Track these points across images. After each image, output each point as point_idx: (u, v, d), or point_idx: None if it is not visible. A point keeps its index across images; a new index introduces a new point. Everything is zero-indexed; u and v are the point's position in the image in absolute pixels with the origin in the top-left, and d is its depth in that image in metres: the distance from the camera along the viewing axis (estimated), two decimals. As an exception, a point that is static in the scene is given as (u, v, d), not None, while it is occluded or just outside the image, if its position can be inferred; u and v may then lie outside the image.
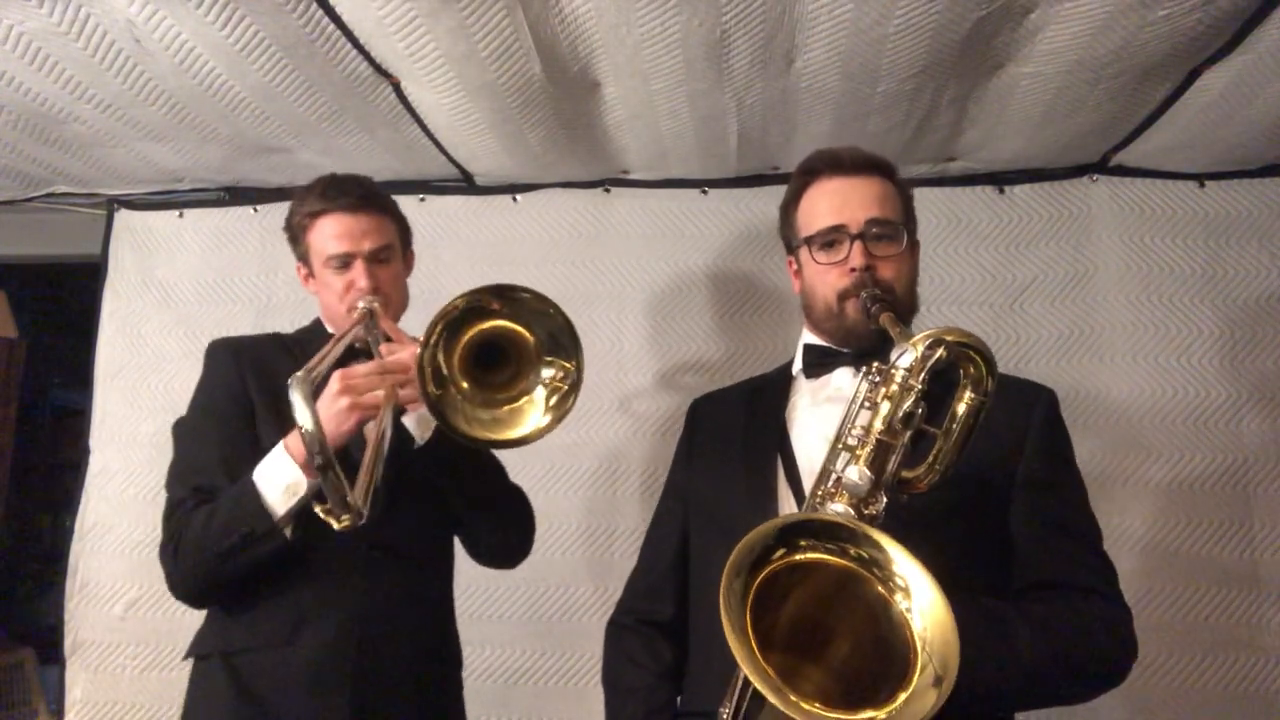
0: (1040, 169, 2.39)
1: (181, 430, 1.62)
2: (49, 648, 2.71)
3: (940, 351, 1.13)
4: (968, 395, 1.15)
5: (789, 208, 1.49)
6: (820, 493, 1.18)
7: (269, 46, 1.81)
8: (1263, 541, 2.19)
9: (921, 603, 1.00)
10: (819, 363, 1.45)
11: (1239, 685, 2.14)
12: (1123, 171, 2.37)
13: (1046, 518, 1.31)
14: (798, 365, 1.49)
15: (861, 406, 1.20)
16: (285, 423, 1.44)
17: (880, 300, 1.31)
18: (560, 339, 1.46)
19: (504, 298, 1.43)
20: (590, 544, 2.37)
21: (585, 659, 2.31)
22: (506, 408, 1.47)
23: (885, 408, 1.15)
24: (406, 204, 2.54)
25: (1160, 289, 2.32)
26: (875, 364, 1.20)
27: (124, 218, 2.66)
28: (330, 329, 1.70)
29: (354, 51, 1.83)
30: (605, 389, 2.43)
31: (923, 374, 1.13)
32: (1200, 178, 2.35)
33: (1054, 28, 1.70)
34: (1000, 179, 2.42)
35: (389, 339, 1.55)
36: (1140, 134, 2.17)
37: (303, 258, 1.71)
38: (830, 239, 1.40)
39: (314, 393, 1.26)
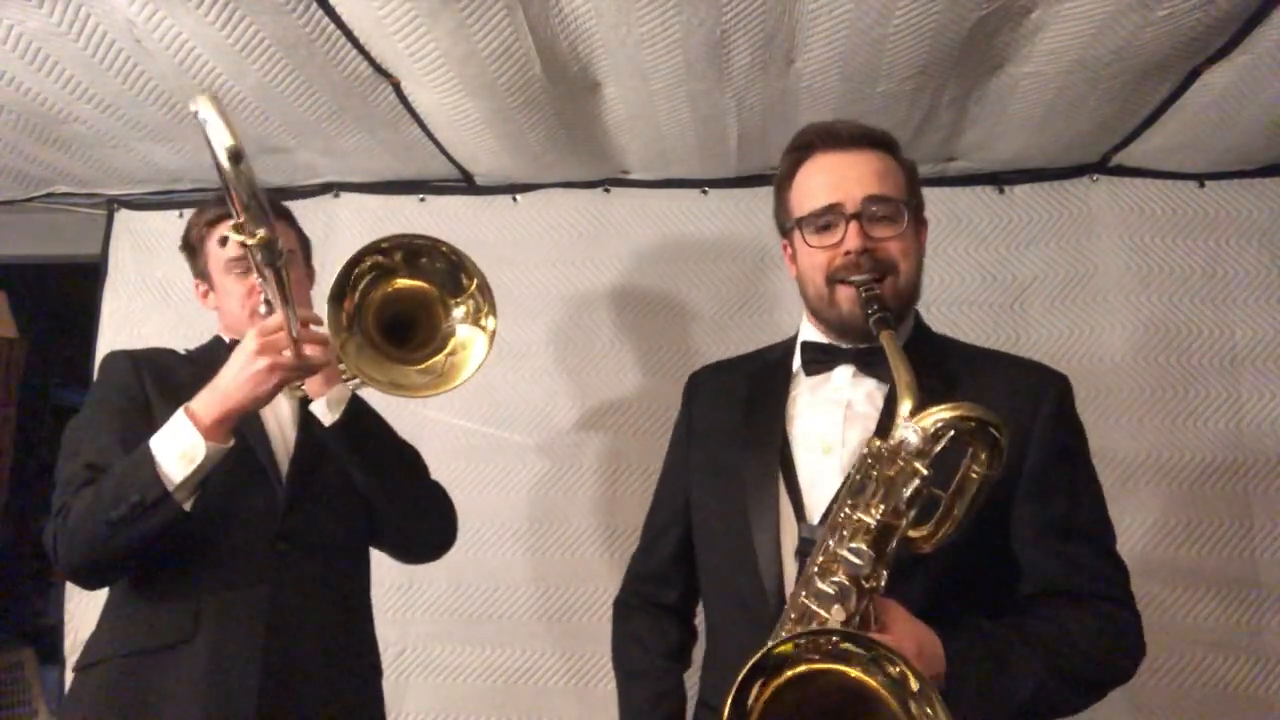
0: (1040, 169, 2.39)
1: (73, 426, 1.56)
2: (49, 648, 2.71)
3: (949, 435, 1.09)
4: (974, 470, 1.11)
5: (782, 186, 1.39)
6: (820, 562, 1.13)
7: (269, 46, 1.81)
8: (1263, 541, 2.19)
9: None
10: (818, 360, 1.39)
11: (1239, 686, 2.14)
12: (1123, 171, 2.37)
13: (1051, 522, 1.26)
14: (797, 363, 1.43)
15: (863, 481, 1.13)
16: None
17: (882, 307, 1.23)
18: (455, 275, 1.46)
19: (407, 259, 1.46)
20: (590, 543, 2.37)
21: (585, 659, 2.31)
22: (426, 364, 1.49)
23: (887, 489, 1.10)
24: (406, 204, 2.57)
25: (1160, 289, 2.32)
26: (879, 445, 1.12)
27: (124, 218, 2.66)
28: (230, 341, 1.65)
29: (354, 51, 1.83)
30: (605, 388, 2.43)
31: (929, 458, 1.08)
32: (1200, 178, 2.35)
33: (1054, 28, 1.70)
34: (1000, 179, 2.42)
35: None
36: (1140, 134, 2.17)
37: (201, 273, 1.67)
38: (825, 220, 1.30)
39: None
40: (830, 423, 1.33)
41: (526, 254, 2.52)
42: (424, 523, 1.67)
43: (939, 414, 1.09)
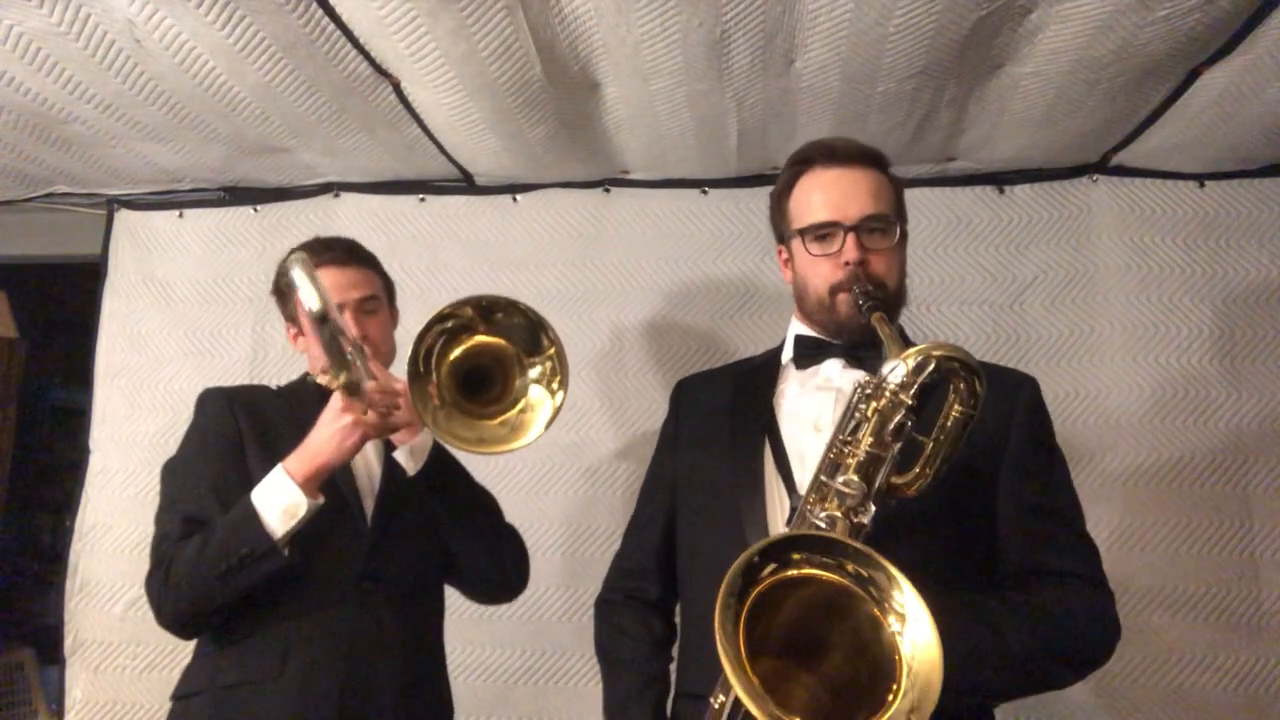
0: (1040, 169, 2.39)
1: (171, 467, 1.64)
2: (49, 648, 2.71)
3: (930, 367, 1.16)
4: (956, 408, 1.18)
5: (781, 197, 1.48)
6: (812, 499, 1.20)
7: (269, 46, 1.81)
8: (1263, 541, 2.19)
9: (915, 633, 1.01)
10: (809, 354, 1.45)
11: (1239, 686, 2.14)
12: (1123, 171, 2.37)
13: (1028, 504, 1.34)
14: (788, 354, 1.49)
15: (852, 417, 1.21)
16: (276, 458, 1.48)
17: (873, 298, 1.31)
18: (535, 336, 1.50)
19: (483, 315, 1.48)
20: (590, 544, 2.38)
21: (585, 659, 2.31)
22: (499, 419, 1.51)
23: (876, 421, 1.18)
24: (406, 204, 2.57)
25: (1160, 289, 2.32)
26: (868, 378, 1.22)
27: (124, 218, 2.66)
28: (319, 382, 1.71)
29: (354, 51, 1.83)
30: (605, 389, 2.43)
31: (913, 389, 1.16)
32: (1200, 178, 2.35)
33: (1054, 28, 1.70)
34: (1000, 179, 2.42)
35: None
36: (1140, 134, 2.17)
37: (291, 317, 1.73)
38: (824, 232, 1.39)
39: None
40: (821, 405, 1.39)
41: (526, 254, 2.52)
42: (499, 567, 1.73)
43: (921, 348, 1.17)
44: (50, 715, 3.02)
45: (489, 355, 1.50)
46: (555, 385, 1.51)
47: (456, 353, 1.48)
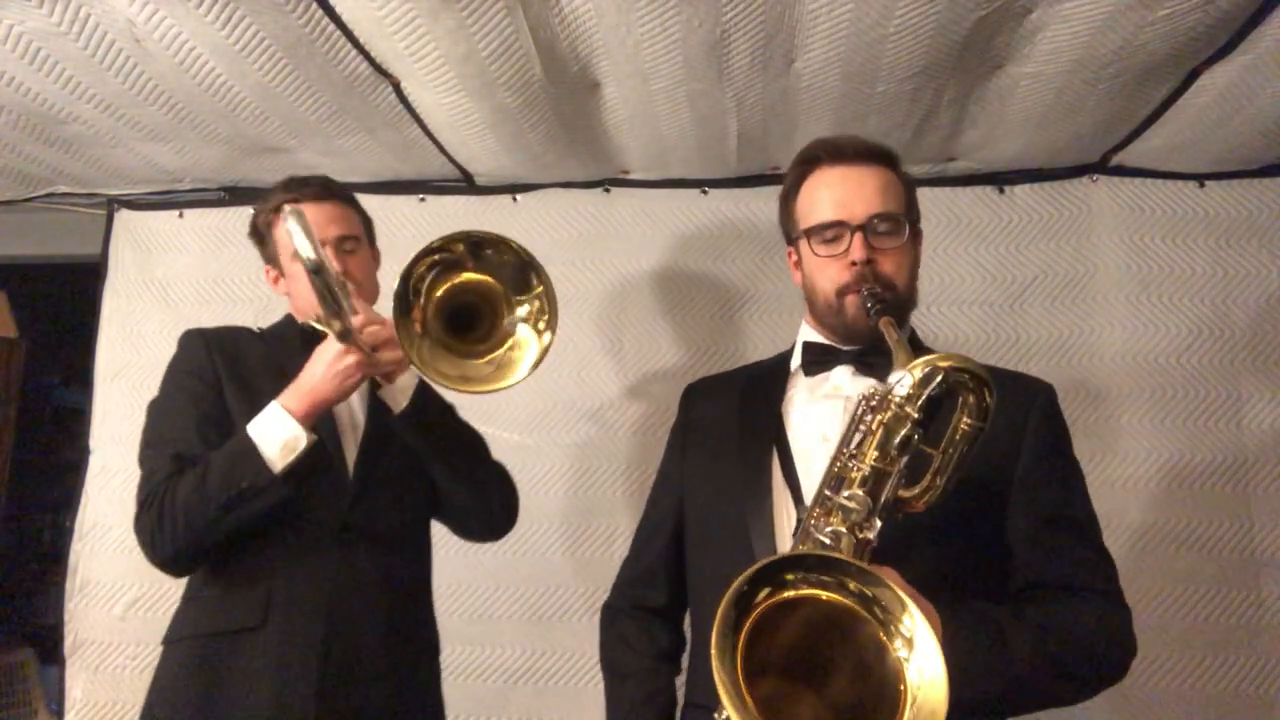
0: (1040, 169, 2.39)
1: (154, 406, 1.65)
2: (49, 648, 2.71)
3: (938, 379, 1.12)
4: (965, 421, 1.14)
5: (788, 197, 1.45)
6: (816, 514, 1.17)
7: (269, 46, 1.81)
8: (1263, 541, 2.19)
9: (923, 664, 0.98)
10: (818, 361, 1.42)
11: (1239, 685, 2.14)
12: (1123, 171, 2.37)
13: (1043, 516, 1.30)
14: (796, 361, 1.47)
15: (857, 431, 1.18)
16: (254, 400, 1.50)
17: (880, 301, 1.28)
18: (524, 275, 1.50)
19: (472, 251, 1.48)
20: (590, 544, 2.38)
21: (585, 659, 2.31)
22: (486, 358, 1.51)
23: (880, 434, 1.14)
24: (406, 204, 2.57)
25: (1160, 289, 2.32)
26: (874, 389, 1.18)
27: (124, 218, 2.66)
28: (301, 321, 1.72)
29: (354, 51, 1.83)
30: (605, 388, 2.43)
31: (919, 401, 1.12)
32: (1200, 178, 2.35)
33: (1054, 28, 1.70)
34: (1000, 179, 2.41)
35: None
36: (1140, 134, 2.17)
37: (271, 259, 1.73)
38: (832, 234, 1.35)
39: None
40: (829, 416, 1.36)
41: (526, 254, 2.52)
42: (488, 504, 1.72)
43: (928, 359, 1.13)
44: (50, 715, 3.02)
45: (476, 293, 1.49)
46: (543, 325, 1.50)
47: (444, 289, 1.47)
